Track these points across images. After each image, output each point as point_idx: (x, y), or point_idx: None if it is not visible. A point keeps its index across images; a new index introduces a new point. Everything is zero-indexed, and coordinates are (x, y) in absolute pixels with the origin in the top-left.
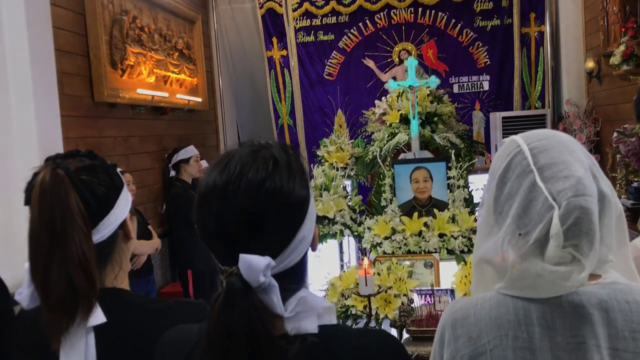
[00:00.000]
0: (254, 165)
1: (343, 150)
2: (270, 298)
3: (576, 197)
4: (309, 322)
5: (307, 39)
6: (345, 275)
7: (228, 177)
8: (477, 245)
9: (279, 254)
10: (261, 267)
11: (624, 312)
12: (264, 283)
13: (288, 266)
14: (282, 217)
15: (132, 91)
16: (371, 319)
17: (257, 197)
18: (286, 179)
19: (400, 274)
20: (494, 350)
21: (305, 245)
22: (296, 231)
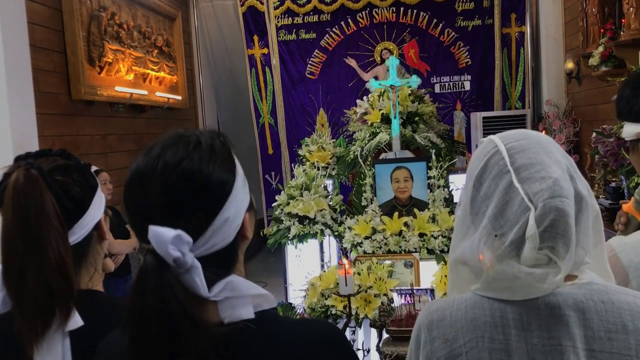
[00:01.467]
0: (173, 147)
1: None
2: (193, 279)
3: (552, 199)
4: (244, 309)
5: (289, 37)
6: (325, 275)
7: (149, 160)
8: (453, 246)
9: (200, 235)
10: (169, 238)
11: (600, 312)
12: (181, 260)
13: (213, 249)
14: (199, 198)
15: (110, 89)
16: (351, 318)
17: (174, 177)
18: (206, 161)
19: (380, 274)
20: (470, 352)
21: (231, 229)
22: (216, 213)
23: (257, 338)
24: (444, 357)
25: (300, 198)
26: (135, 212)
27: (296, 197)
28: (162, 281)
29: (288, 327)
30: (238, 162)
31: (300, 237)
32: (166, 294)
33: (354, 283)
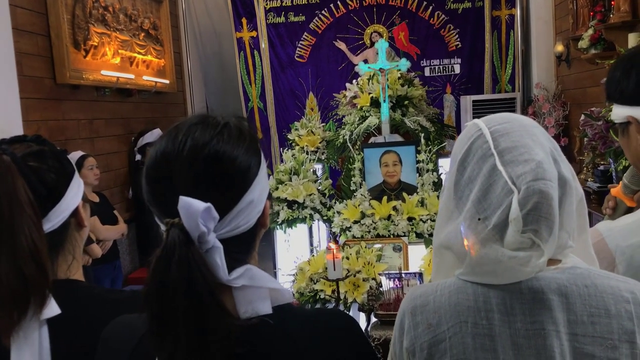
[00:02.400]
0: (201, 128)
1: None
2: (214, 259)
3: (535, 181)
4: (261, 304)
5: (278, 20)
6: (314, 259)
7: (175, 140)
8: (437, 231)
9: (225, 215)
10: (199, 210)
11: (583, 296)
12: (205, 237)
13: (235, 232)
14: (227, 178)
15: (96, 72)
16: (339, 303)
17: (202, 156)
18: (234, 142)
19: (369, 258)
20: (453, 337)
21: (253, 213)
22: (242, 194)
23: (274, 332)
24: (427, 342)
25: (289, 183)
26: (160, 188)
27: (285, 181)
28: (189, 256)
29: (304, 320)
30: (263, 157)
31: (289, 222)
32: (193, 270)
33: (343, 267)
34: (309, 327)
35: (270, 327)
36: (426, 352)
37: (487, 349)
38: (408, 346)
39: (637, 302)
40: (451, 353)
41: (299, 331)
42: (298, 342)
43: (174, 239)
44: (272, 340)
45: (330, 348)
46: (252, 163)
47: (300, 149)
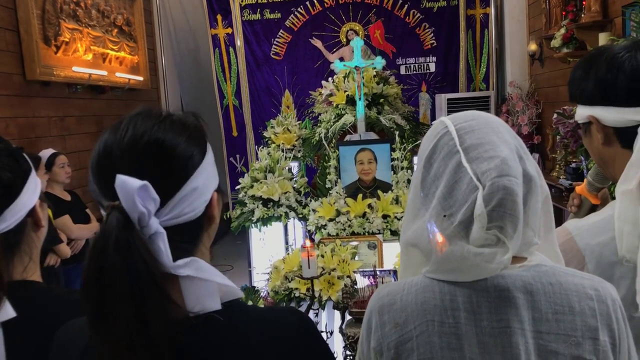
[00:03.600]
0: (142, 117)
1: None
2: (157, 245)
3: (500, 178)
4: (210, 300)
5: (253, 17)
6: (289, 258)
7: (117, 130)
8: (404, 228)
9: (167, 201)
10: (135, 187)
11: (548, 294)
12: (145, 219)
13: (179, 219)
14: (168, 165)
15: (67, 69)
16: (314, 301)
17: (142, 142)
18: (175, 131)
19: (343, 256)
20: (420, 337)
21: (199, 201)
22: (183, 181)
23: (225, 330)
24: (394, 342)
25: (264, 181)
26: (103, 178)
27: (260, 179)
28: (128, 239)
29: (257, 318)
30: (210, 148)
31: (264, 220)
32: (132, 254)
33: (318, 265)
34: (260, 325)
35: (220, 324)
36: (393, 352)
37: (453, 347)
38: (375, 346)
39: (600, 299)
40: (418, 352)
41: (250, 328)
42: (250, 340)
43: (112, 222)
44: (222, 338)
45: (282, 346)
46: (194, 152)
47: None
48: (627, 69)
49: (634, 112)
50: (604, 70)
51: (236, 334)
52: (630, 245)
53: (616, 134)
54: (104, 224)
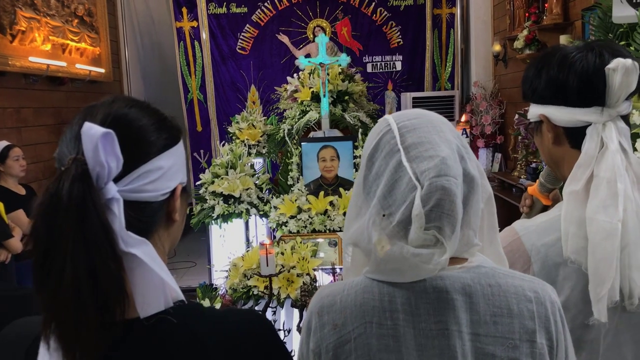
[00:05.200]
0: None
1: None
2: (112, 209)
3: (438, 178)
4: (160, 298)
5: (219, 10)
6: (248, 255)
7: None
8: (346, 227)
9: (130, 171)
10: (99, 133)
11: (487, 296)
12: (105, 177)
13: (139, 195)
14: (133, 138)
15: (23, 59)
16: (272, 299)
17: (110, 117)
18: (145, 114)
19: (304, 253)
20: (358, 339)
21: (162, 184)
22: (149, 157)
23: (179, 332)
24: (332, 343)
25: (225, 177)
26: (69, 129)
27: (221, 175)
28: (84, 194)
29: (213, 320)
30: (182, 145)
31: (225, 217)
32: (87, 211)
33: (277, 263)
34: (217, 328)
35: (173, 326)
36: (331, 354)
37: (391, 350)
38: (314, 347)
39: (539, 301)
40: (356, 354)
41: (205, 331)
42: (205, 344)
43: (69, 173)
44: (175, 341)
45: (241, 351)
46: (163, 135)
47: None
48: (578, 69)
49: (584, 113)
50: (555, 70)
51: (190, 337)
52: (576, 246)
53: (566, 133)
54: (59, 176)
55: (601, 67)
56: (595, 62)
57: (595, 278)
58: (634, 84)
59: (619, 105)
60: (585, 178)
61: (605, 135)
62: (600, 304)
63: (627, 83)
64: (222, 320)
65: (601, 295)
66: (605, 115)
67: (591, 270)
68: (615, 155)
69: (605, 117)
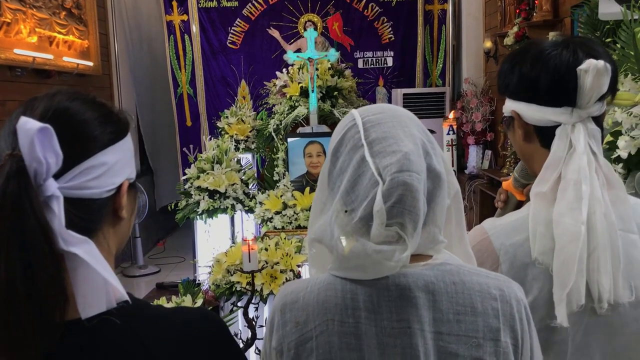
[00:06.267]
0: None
1: (244, 122)
2: (51, 207)
3: (400, 173)
4: (103, 300)
5: (210, 4)
6: (231, 251)
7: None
8: (310, 223)
9: (72, 167)
10: (35, 127)
11: (450, 294)
12: (43, 173)
13: (81, 192)
14: (75, 132)
15: (8, 51)
16: (255, 295)
17: (51, 110)
18: (87, 107)
19: (288, 249)
20: (320, 337)
21: (106, 180)
22: (91, 152)
23: (122, 335)
24: (294, 341)
25: (211, 172)
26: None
27: (207, 170)
28: (20, 192)
29: (159, 321)
30: (130, 140)
31: (210, 212)
32: (23, 210)
33: (261, 259)
34: (163, 329)
35: (116, 328)
36: (293, 352)
37: (352, 348)
38: (276, 345)
39: (504, 299)
40: (317, 352)
41: (150, 333)
42: (149, 347)
43: (5, 167)
44: (118, 343)
45: (187, 353)
46: (107, 129)
47: (230, 137)
48: (550, 67)
49: (553, 113)
50: (528, 66)
51: (133, 339)
52: (543, 247)
53: (536, 132)
54: None
55: (574, 66)
56: (569, 61)
57: (558, 281)
58: (605, 86)
59: (590, 106)
60: (553, 180)
61: (574, 136)
62: (560, 307)
63: (598, 85)
64: (167, 320)
65: (562, 298)
66: (574, 117)
67: (555, 273)
68: (582, 157)
69: (574, 118)
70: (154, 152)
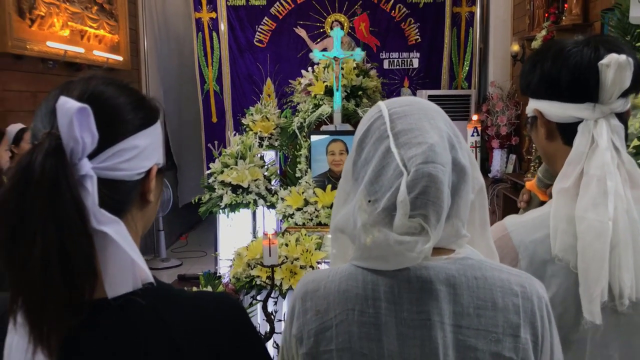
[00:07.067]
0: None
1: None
2: (85, 186)
3: (425, 164)
4: (130, 280)
5: (238, 2)
6: (252, 245)
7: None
8: (334, 213)
9: (105, 148)
10: (75, 107)
11: (471, 288)
12: (79, 153)
13: (113, 174)
14: (108, 115)
15: (41, 43)
16: (274, 289)
17: (87, 93)
18: (124, 93)
19: (308, 246)
20: (339, 325)
21: (138, 163)
22: (124, 135)
23: (145, 315)
24: (314, 329)
25: (234, 167)
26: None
27: (231, 165)
28: (56, 169)
29: (182, 304)
30: (159, 126)
31: (232, 207)
32: (60, 188)
33: (281, 254)
34: (185, 311)
35: (140, 308)
36: (313, 340)
37: (372, 338)
38: (296, 333)
39: (526, 296)
40: (337, 341)
41: (173, 314)
42: (171, 327)
43: (42, 147)
44: (141, 323)
45: (207, 336)
46: (139, 114)
47: (254, 134)
48: (571, 63)
49: (576, 109)
50: (549, 64)
51: (157, 320)
52: (564, 244)
53: (559, 129)
54: (31, 150)
55: (595, 62)
56: (590, 57)
57: (587, 279)
58: (627, 81)
59: (612, 102)
60: (575, 175)
61: (597, 132)
62: (593, 305)
63: (620, 79)
64: (190, 303)
65: (594, 296)
66: (597, 112)
67: (582, 271)
68: (605, 152)
69: (597, 113)
70: (178, 148)
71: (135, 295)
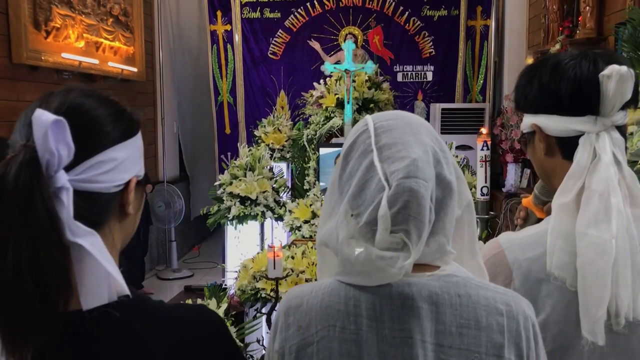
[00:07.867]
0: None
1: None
2: (60, 198)
3: (407, 179)
4: (105, 293)
5: (253, 15)
6: (258, 257)
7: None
8: (319, 227)
9: (82, 161)
10: (50, 120)
11: (454, 306)
12: (55, 165)
13: (90, 186)
14: (86, 127)
15: (56, 55)
16: (277, 302)
17: (65, 106)
18: (100, 105)
19: (314, 259)
20: (321, 342)
21: (115, 175)
22: (102, 147)
23: (121, 328)
24: (296, 345)
25: (243, 178)
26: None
27: (240, 177)
28: (31, 181)
29: (159, 317)
30: (140, 138)
31: (240, 218)
32: (34, 200)
33: (286, 267)
34: (162, 325)
35: (115, 321)
36: (294, 356)
37: (352, 355)
38: (278, 348)
39: (511, 315)
40: (317, 357)
41: (149, 328)
42: (147, 341)
43: (17, 160)
44: (116, 337)
45: (185, 348)
46: (118, 126)
47: (265, 146)
48: (570, 76)
49: (576, 122)
50: (547, 77)
51: (132, 332)
52: (560, 261)
53: (558, 144)
54: (7, 162)
55: (595, 74)
56: (589, 69)
57: (588, 298)
58: (629, 92)
59: (614, 114)
60: (576, 190)
61: (599, 145)
62: (597, 326)
63: (621, 90)
64: (166, 315)
65: (598, 316)
66: (599, 125)
67: (582, 290)
68: (609, 167)
69: (599, 126)
70: (191, 159)
71: (110, 308)
